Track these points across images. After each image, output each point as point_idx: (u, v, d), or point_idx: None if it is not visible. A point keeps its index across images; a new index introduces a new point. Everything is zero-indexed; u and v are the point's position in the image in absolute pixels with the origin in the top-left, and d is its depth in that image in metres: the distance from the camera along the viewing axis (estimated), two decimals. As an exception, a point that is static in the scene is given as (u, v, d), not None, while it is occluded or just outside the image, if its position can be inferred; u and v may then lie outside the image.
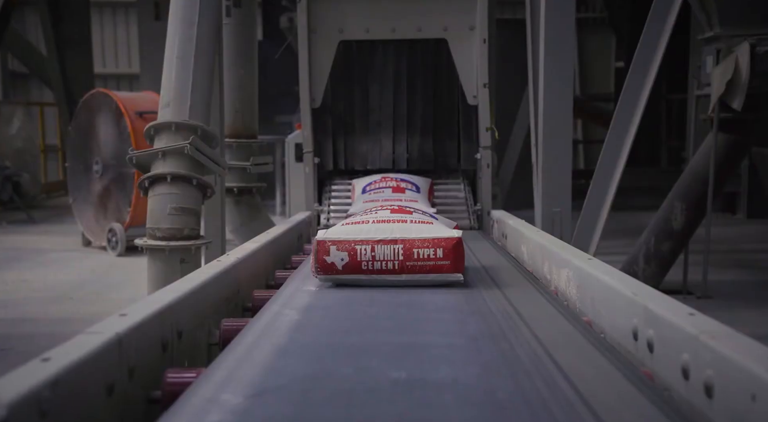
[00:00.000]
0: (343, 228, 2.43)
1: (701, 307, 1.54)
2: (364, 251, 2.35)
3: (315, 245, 2.39)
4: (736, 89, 5.32)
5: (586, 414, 1.24)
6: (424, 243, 2.36)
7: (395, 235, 2.37)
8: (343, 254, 2.36)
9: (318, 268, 2.39)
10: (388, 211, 2.57)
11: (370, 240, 2.37)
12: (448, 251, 2.37)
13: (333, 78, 4.88)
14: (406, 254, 2.36)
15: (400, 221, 2.44)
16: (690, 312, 1.50)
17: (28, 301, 6.06)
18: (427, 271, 2.36)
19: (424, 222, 2.46)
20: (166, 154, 3.84)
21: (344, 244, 2.37)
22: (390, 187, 4.25)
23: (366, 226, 2.42)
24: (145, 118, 7.62)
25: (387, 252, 2.35)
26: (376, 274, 2.37)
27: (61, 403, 1.11)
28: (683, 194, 5.97)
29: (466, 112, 4.88)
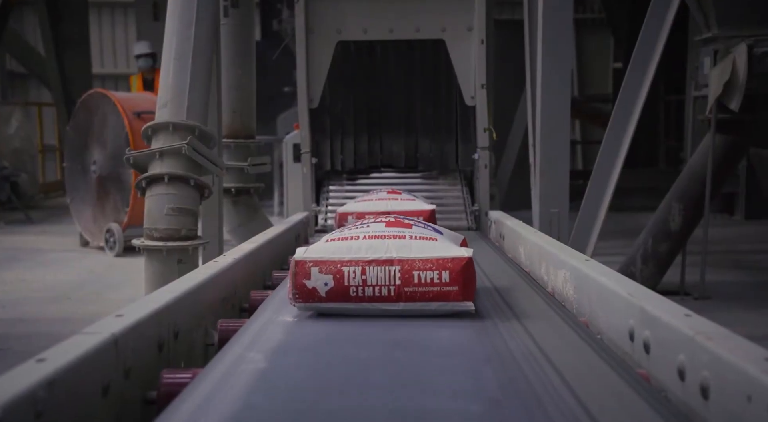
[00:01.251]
0: (328, 246, 2.00)
1: (699, 308, 1.54)
2: (353, 274, 1.92)
3: (293, 266, 1.95)
4: (733, 90, 5.33)
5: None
6: (427, 264, 1.93)
7: (391, 254, 1.94)
8: (327, 277, 1.92)
9: (296, 294, 1.95)
10: (383, 223, 2.11)
11: (360, 260, 1.94)
12: (455, 274, 1.93)
13: (331, 78, 4.88)
14: (404, 277, 1.92)
15: (397, 236, 2.00)
16: (686, 314, 1.50)
17: (26, 301, 6.06)
18: (430, 299, 1.92)
19: (426, 237, 2.02)
20: (164, 154, 3.84)
21: (329, 265, 1.93)
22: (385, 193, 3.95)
23: (355, 243, 1.98)
24: (143, 119, 7.62)
25: (381, 276, 1.92)
26: (367, 302, 1.94)
27: (56, 404, 1.11)
28: (681, 195, 5.97)
29: (464, 112, 4.88)
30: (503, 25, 10.54)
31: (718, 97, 5.41)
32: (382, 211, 3.50)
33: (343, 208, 3.77)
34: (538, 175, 5.25)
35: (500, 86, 8.65)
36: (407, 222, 2.14)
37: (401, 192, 3.91)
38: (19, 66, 15.77)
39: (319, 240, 2.10)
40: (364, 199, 3.84)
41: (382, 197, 3.78)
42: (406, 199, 3.76)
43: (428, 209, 3.62)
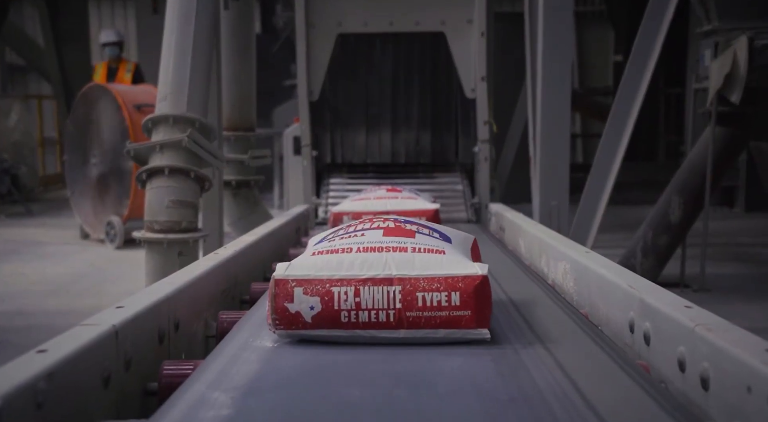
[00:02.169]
0: (314, 261, 1.64)
1: (698, 300, 1.54)
2: (345, 296, 1.58)
3: (272, 286, 1.61)
4: (734, 83, 5.32)
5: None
6: (433, 283, 1.59)
7: (390, 272, 1.60)
8: (314, 300, 1.58)
9: (276, 320, 1.60)
10: (380, 231, 1.75)
11: (353, 278, 1.60)
12: (467, 296, 1.58)
13: (331, 71, 4.88)
14: (405, 300, 1.58)
15: (397, 248, 1.66)
16: (686, 305, 1.50)
17: (26, 294, 6.06)
18: (437, 325, 1.58)
19: (432, 249, 1.67)
20: (164, 146, 3.84)
21: (315, 285, 1.59)
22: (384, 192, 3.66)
23: (348, 257, 1.63)
24: (143, 111, 7.62)
25: (378, 298, 1.58)
26: (361, 329, 1.59)
27: (56, 395, 1.11)
28: (681, 188, 5.97)
29: (464, 105, 4.88)
30: (503, 18, 10.52)
31: (718, 89, 5.41)
32: (381, 210, 3.29)
33: (338, 207, 3.55)
34: (538, 167, 5.25)
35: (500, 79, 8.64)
36: (409, 230, 1.78)
37: (401, 189, 3.66)
38: (18, 59, 15.76)
39: (308, 249, 1.78)
40: (361, 197, 3.59)
41: (381, 196, 3.50)
42: (407, 197, 3.49)
43: (431, 209, 3.39)
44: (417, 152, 5.00)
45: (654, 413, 1.19)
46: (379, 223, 1.82)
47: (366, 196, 3.54)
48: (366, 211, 3.29)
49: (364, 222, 1.85)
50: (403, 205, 3.38)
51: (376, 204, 3.40)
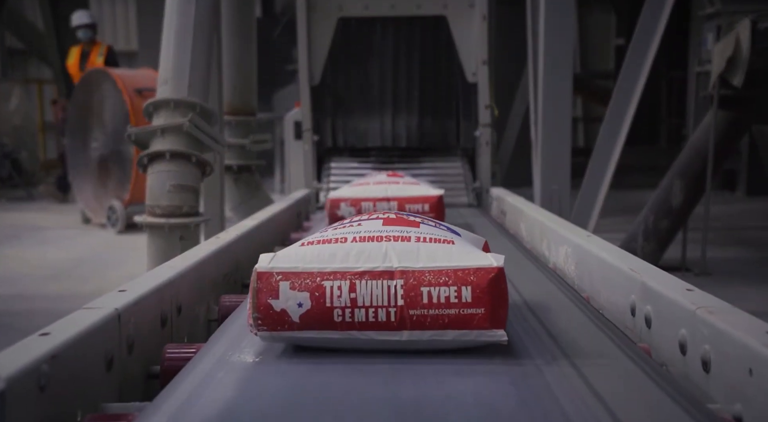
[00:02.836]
0: (304, 252, 1.43)
1: (699, 284, 1.54)
2: (338, 291, 1.37)
3: (254, 280, 1.40)
4: (736, 66, 5.31)
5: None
6: (441, 277, 1.37)
7: (391, 263, 1.39)
8: (302, 296, 1.37)
9: (259, 319, 1.38)
10: (380, 221, 1.55)
11: (348, 271, 1.38)
12: (481, 291, 1.35)
13: (332, 55, 4.86)
14: (408, 296, 1.36)
15: (399, 238, 1.45)
16: (687, 288, 1.51)
17: (28, 278, 6.07)
18: (445, 326, 1.35)
19: (440, 239, 1.45)
20: (165, 131, 3.83)
21: (304, 279, 1.38)
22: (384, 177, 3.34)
23: (342, 248, 1.42)
24: (143, 96, 7.61)
25: (377, 294, 1.37)
26: (357, 331, 1.37)
27: (59, 377, 1.11)
28: (683, 172, 5.96)
29: (466, 89, 4.86)
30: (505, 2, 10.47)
31: (720, 72, 5.39)
32: (381, 197, 3.01)
33: (335, 193, 3.17)
34: (539, 151, 5.25)
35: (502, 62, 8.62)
36: (413, 220, 1.56)
37: (402, 175, 3.39)
38: (19, 43, 15.72)
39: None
40: (360, 182, 3.29)
41: (381, 181, 3.20)
42: (408, 182, 3.18)
43: (435, 195, 3.03)
44: (418, 136, 4.99)
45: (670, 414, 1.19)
46: (379, 215, 1.60)
47: (365, 182, 3.25)
48: (365, 197, 3.02)
49: (361, 216, 1.62)
50: (405, 190, 3.06)
51: (376, 190, 3.09)
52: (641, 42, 5.58)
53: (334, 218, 2.94)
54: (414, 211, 2.86)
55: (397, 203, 2.98)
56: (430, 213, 2.90)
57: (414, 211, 2.89)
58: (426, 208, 2.96)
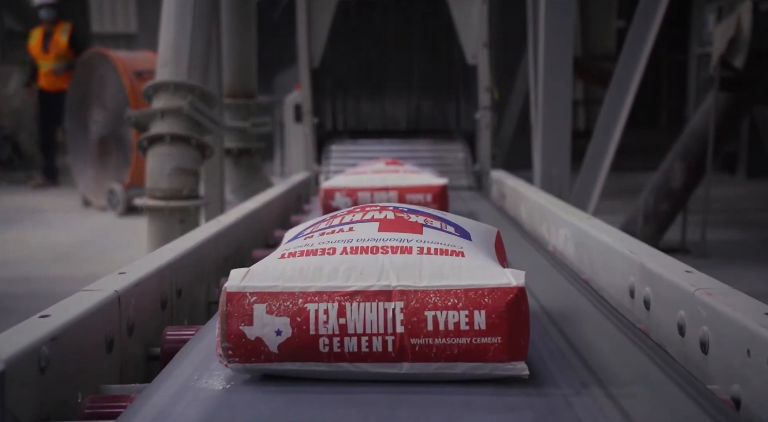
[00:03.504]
0: (283, 266, 1.18)
1: (699, 266, 1.54)
2: (325, 315, 1.13)
3: (223, 302, 1.15)
4: (738, 47, 5.29)
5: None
6: (449, 298, 1.12)
7: (389, 281, 1.14)
8: (281, 321, 1.13)
9: (229, 349, 1.15)
10: (375, 224, 1.28)
11: (336, 291, 1.14)
12: (498, 316, 1.11)
13: (332, 38, 4.85)
14: (410, 322, 1.12)
15: (398, 248, 1.19)
16: (686, 270, 1.51)
17: (28, 261, 6.08)
18: (454, 358, 1.12)
19: (447, 250, 1.19)
20: (165, 113, 3.82)
21: (284, 301, 1.14)
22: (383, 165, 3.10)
23: (329, 261, 1.17)
24: (143, 78, 7.59)
25: (372, 319, 1.13)
26: (348, 363, 1.14)
27: (60, 359, 1.12)
28: (683, 154, 5.96)
29: (466, 72, 4.85)
30: (505, -17, 10.43)
31: (722, 54, 5.38)
32: (380, 187, 2.78)
33: (329, 182, 2.92)
34: (539, 134, 5.24)
35: (503, 44, 8.60)
36: (415, 222, 1.29)
37: (403, 162, 3.17)
38: (18, 25, 15.65)
39: (279, 248, 1.30)
40: (357, 171, 3.05)
41: (380, 169, 2.96)
42: (409, 171, 2.95)
43: (438, 184, 2.79)
44: (418, 119, 4.99)
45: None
46: (374, 214, 1.33)
47: (362, 170, 3.00)
48: (362, 187, 2.79)
49: (354, 211, 1.36)
50: (405, 179, 2.83)
51: (374, 179, 2.84)
52: (642, 24, 5.56)
53: (328, 209, 2.72)
54: (416, 202, 2.65)
55: (397, 193, 2.75)
56: (432, 203, 2.68)
57: (416, 201, 2.69)
58: (428, 199, 2.73)
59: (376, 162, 3.19)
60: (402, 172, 2.93)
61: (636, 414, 1.03)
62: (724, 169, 10.85)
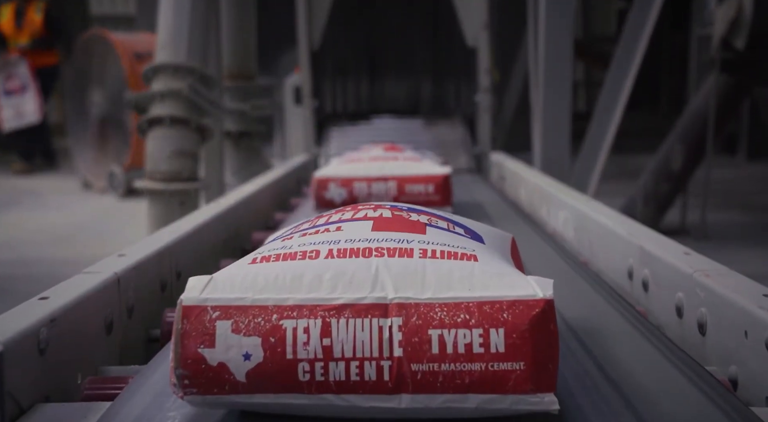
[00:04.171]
0: (254, 273, 0.95)
1: (698, 248, 1.55)
2: (305, 335, 0.89)
3: (178, 318, 0.92)
4: (739, 28, 5.27)
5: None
6: (458, 313, 0.89)
7: (384, 292, 0.91)
8: (251, 342, 0.90)
9: (185, 378, 0.91)
10: (369, 223, 1.06)
11: (319, 304, 0.91)
12: (519, 336, 0.88)
13: (331, 20, 4.84)
14: (411, 343, 0.89)
15: (395, 250, 0.97)
16: (685, 252, 1.51)
17: (28, 244, 6.09)
18: (465, 388, 0.88)
19: (456, 253, 0.97)
20: (165, 96, 3.83)
21: (254, 317, 0.90)
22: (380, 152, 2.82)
23: (311, 267, 0.95)
24: (143, 60, 7.58)
25: (363, 339, 0.89)
26: (333, 394, 0.90)
27: (59, 340, 1.12)
28: (683, 135, 5.95)
29: (466, 53, 4.84)
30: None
31: (723, 35, 5.36)
32: (377, 176, 2.54)
33: (322, 171, 2.66)
34: (539, 116, 5.23)
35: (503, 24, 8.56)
36: (416, 221, 1.07)
37: (403, 148, 2.92)
38: (16, 7, 15.58)
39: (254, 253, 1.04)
40: (353, 157, 2.80)
41: (378, 156, 2.72)
42: (409, 158, 2.71)
43: (441, 174, 2.54)
44: (418, 101, 4.99)
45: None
46: (368, 212, 1.11)
47: (358, 157, 2.76)
48: (358, 176, 2.56)
49: (344, 210, 1.15)
50: (405, 168, 2.58)
51: (371, 167, 2.59)
52: (643, 5, 5.53)
53: (321, 201, 2.52)
54: (416, 193, 2.48)
55: (396, 184, 2.52)
56: (435, 194, 2.50)
57: (416, 192, 2.50)
58: (430, 189, 2.51)
59: (373, 147, 2.97)
60: (401, 159, 2.68)
61: (634, 395, 1.03)
62: (724, 150, 10.83)
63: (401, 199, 2.44)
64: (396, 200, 2.41)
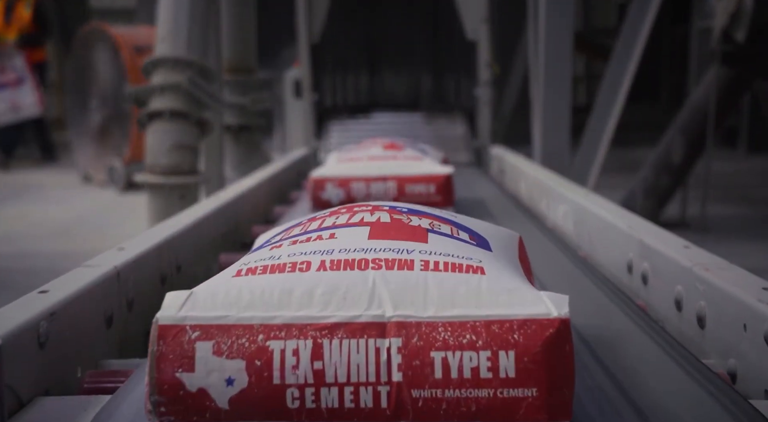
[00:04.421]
0: (238, 288, 0.86)
1: (698, 241, 1.55)
2: (294, 358, 0.81)
3: (154, 339, 0.83)
4: (739, 21, 5.26)
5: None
6: (464, 334, 0.81)
7: (382, 309, 0.83)
8: (234, 365, 0.81)
9: (161, 405, 0.82)
10: (365, 229, 0.99)
11: (310, 323, 0.82)
12: (531, 359, 0.80)
13: (331, 13, 4.83)
14: (411, 366, 0.81)
15: (394, 262, 0.88)
16: (685, 245, 1.51)
17: (29, 237, 6.09)
18: (472, 417, 0.80)
19: (462, 265, 0.88)
20: (164, 89, 3.82)
21: (237, 337, 0.82)
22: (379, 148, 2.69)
23: (302, 281, 0.86)
24: (143, 53, 7.57)
25: (359, 362, 0.81)
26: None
27: (59, 334, 1.12)
28: (683, 128, 5.95)
29: (466, 47, 4.84)
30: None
31: (723, 28, 5.35)
32: (376, 176, 2.43)
33: (319, 170, 2.53)
34: (539, 110, 5.22)
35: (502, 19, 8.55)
36: (417, 226, 0.99)
37: (402, 145, 2.76)
38: None
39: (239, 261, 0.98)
40: (351, 155, 2.67)
41: (376, 155, 2.60)
42: (410, 156, 2.59)
43: (442, 174, 2.45)
44: (418, 94, 4.98)
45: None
46: (364, 215, 1.03)
47: (357, 156, 2.63)
48: (356, 176, 2.44)
49: (338, 212, 1.06)
50: (406, 168, 2.47)
51: (370, 167, 2.48)
52: (643, -4, 5.53)
53: (318, 202, 2.42)
54: (417, 194, 2.39)
55: (396, 184, 2.42)
56: (436, 195, 2.41)
57: (417, 193, 2.41)
58: (431, 190, 2.42)
59: (373, 144, 2.80)
60: (402, 158, 2.57)
61: (631, 387, 1.03)
62: (724, 143, 10.82)
63: (401, 199, 2.32)
64: (396, 201, 2.32)
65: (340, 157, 2.72)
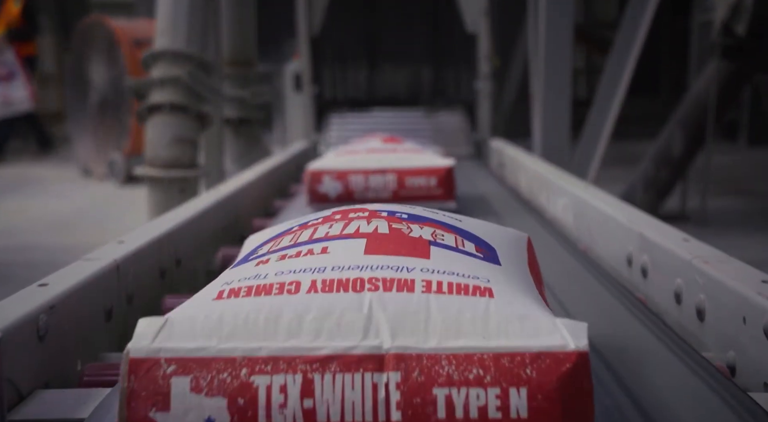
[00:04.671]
0: (219, 313, 0.76)
1: (699, 234, 1.55)
2: (281, 395, 0.70)
3: (125, 373, 0.72)
4: (740, 13, 5.26)
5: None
6: (470, 368, 0.70)
7: (379, 340, 0.72)
8: (214, 404, 0.70)
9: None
10: (361, 242, 0.88)
11: (300, 355, 0.71)
12: (546, 397, 0.69)
13: (331, 6, 4.83)
14: (412, 405, 0.69)
15: (393, 282, 0.78)
16: (684, 238, 1.51)
17: (29, 230, 6.10)
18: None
19: (467, 286, 0.78)
20: (164, 82, 3.82)
21: (218, 372, 0.71)
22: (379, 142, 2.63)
23: (290, 304, 0.75)
24: (142, 46, 7.56)
25: (354, 400, 0.70)
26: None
27: (58, 327, 1.13)
28: (684, 121, 5.94)
29: (466, 40, 4.83)
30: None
31: (724, 21, 5.34)
32: (375, 169, 2.32)
33: (316, 163, 2.42)
34: (539, 103, 5.22)
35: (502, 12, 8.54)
36: (418, 238, 0.90)
37: (402, 139, 2.72)
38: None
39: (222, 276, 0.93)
40: (349, 149, 2.61)
41: (375, 148, 2.53)
42: (409, 150, 2.53)
43: (443, 166, 2.37)
44: (418, 87, 4.98)
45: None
46: (360, 224, 0.94)
47: (355, 149, 2.57)
48: (354, 169, 2.34)
49: (332, 219, 0.98)
50: (405, 160, 2.38)
51: (369, 159, 2.39)
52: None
53: (314, 195, 2.34)
54: (417, 187, 2.32)
55: (396, 176, 2.34)
56: (437, 188, 2.35)
57: (417, 186, 2.33)
58: (432, 183, 2.34)
59: (372, 138, 2.77)
60: (401, 151, 2.49)
61: (630, 380, 1.03)
62: (724, 137, 10.82)
63: (401, 193, 2.27)
64: (396, 195, 2.26)
65: (338, 150, 2.66)
